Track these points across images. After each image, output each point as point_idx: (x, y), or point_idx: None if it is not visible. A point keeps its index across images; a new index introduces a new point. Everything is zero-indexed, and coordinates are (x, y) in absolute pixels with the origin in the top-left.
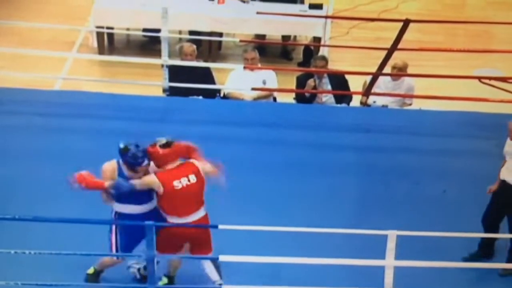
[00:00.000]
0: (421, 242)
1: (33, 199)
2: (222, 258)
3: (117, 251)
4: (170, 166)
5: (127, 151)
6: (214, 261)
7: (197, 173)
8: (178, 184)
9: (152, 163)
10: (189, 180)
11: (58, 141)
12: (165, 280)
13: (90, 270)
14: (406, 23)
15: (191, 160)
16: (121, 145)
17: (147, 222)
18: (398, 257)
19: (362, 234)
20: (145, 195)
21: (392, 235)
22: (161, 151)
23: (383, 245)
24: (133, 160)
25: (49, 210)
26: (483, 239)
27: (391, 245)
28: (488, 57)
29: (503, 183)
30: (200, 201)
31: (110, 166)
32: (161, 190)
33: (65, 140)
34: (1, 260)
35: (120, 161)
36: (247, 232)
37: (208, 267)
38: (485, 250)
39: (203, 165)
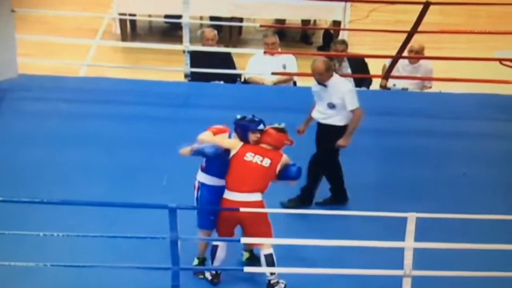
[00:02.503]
0: (441, 224)
1: (60, 183)
2: (243, 240)
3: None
4: (262, 145)
5: (244, 118)
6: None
7: (274, 161)
8: (249, 156)
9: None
10: (262, 161)
11: (83, 126)
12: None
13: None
14: (427, 5)
15: (281, 152)
16: (238, 116)
17: (170, 205)
18: (417, 239)
19: (382, 216)
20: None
21: (411, 217)
22: (271, 130)
23: (403, 227)
24: (249, 123)
25: (76, 194)
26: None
27: (410, 227)
28: (509, 39)
29: None
30: (259, 185)
31: (226, 134)
32: (233, 152)
33: (90, 125)
34: (30, 242)
35: (232, 133)
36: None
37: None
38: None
39: (286, 161)
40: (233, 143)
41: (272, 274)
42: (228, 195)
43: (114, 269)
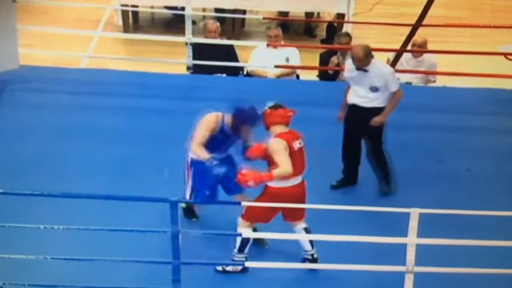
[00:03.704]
0: (444, 220)
1: (61, 175)
2: (245, 235)
3: (191, 194)
4: (279, 129)
5: (244, 110)
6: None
7: (301, 139)
8: (295, 145)
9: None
10: (300, 144)
11: (84, 118)
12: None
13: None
14: None
15: (294, 130)
16: (238, 106)
17: (171, 198)
18: (420, 235)
19: (385, 212)
20: (227, 148)
21: (414, 213)
22: (269, 110)
23: (406, 223)
24: (247, 117)
25: (77, 186)
26: None
27: (413, 223)
28: None
29: None
30: (304, 165)
31: (215, 117)
32: (288, 150)
33: (91, 117)
34: (31, 235)
35: (225, 115)
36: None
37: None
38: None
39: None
40: (283, 146)
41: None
42: (279, 183)
43: (115, 262)
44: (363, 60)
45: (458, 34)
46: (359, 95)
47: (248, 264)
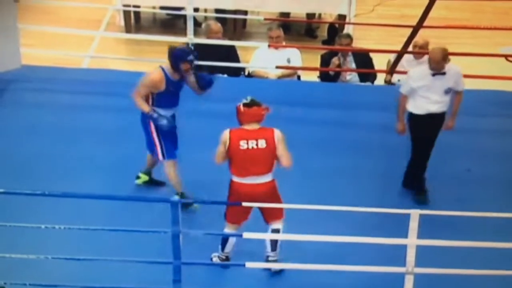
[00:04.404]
0: (445, 221)
1: (62, 175)
2: (246, 235)
3: (162, 149)
4: (247, 127)
5: (176, 48)
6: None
7: (269, 139)
8: (243, 144)
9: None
10: (257, 144)
11: (86, 117)
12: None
13: (143, 178)
14: (433, 0)
15: (274, 128)
16: (170, 47)
17: (172, 199)
18: (421, 236)
19: (386, 213)
20: (178, 98)
21: (414, 214)
22: (242, 108)
23: (406, 224)
24: (180, 53)
25: (78, 186)
26: None
27: (413, 224)
28: None
29: None
30: (264, 167)
31: (157, 72)
32: (227, 144)
33: (92, 117)
34: (32, 234)
35: (163, 66)
36: None
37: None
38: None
39: (280, 136)
40: (222, 138)
41: (273, 250)
42: (239, 179)
43: (115, 262)
44: (441, 63)
45: (459, 35)
46: (434, 101)
47: (248, 264)
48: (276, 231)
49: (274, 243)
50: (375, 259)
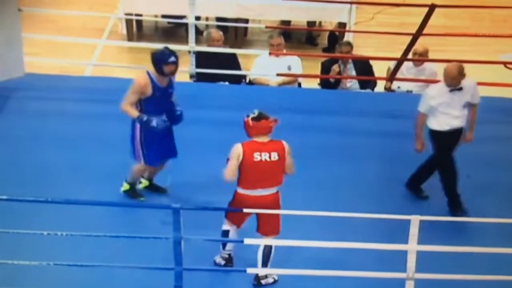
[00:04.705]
0: (445, 227)
1: (65, 182)
2: (247, 241)
3: (143, 155)
4: (258, 139)
5: (156, 51)
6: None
7: (281, 152)
8: (257, 156)
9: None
10: (270, 157)
11: (89, 125)
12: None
13: (125, 187)
14: (432, 8)
15: (282, 140)
16: (152, 53)
17: (173, 205)
18: (421, 242)
19: (386, 219)
20: (166, 108)
21: (415, 220)
22: (251, 122)
23: (407, 230)
24: (160, 56)
25: (81, 193)
26: None
27: (414, 230)
28: None
29: None
30: (275, 180)
31: (142, 77)
32: (240, 157)
33: (96, 125)
34: (34, 241)
35: (148, 71)
36: None
37: (259, 253)
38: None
39: (288, 148)
40: (235, 152)
41: (263, 267)
42: (246, 191)
43: (117, 269)
44: (458, 78)
45: (458, 43)
46: (455, 116)
47: (249, 270)
48: (269, 248)
49: (266, 258)
50: (376, 264)
